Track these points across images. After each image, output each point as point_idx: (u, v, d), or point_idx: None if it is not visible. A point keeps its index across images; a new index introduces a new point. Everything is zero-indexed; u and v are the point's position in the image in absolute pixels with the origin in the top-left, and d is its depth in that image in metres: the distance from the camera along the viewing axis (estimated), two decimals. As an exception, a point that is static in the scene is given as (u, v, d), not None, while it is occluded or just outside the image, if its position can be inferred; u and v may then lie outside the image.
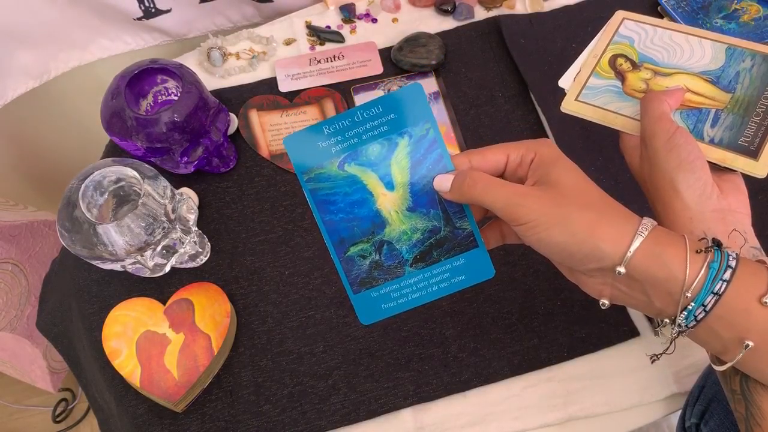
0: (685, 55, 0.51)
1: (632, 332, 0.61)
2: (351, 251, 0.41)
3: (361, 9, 0.84)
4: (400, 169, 0.41)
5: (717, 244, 0.36)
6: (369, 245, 0.41)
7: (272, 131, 0.75)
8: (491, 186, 0.37)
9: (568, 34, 0.79)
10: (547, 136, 0.72)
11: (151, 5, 0.79)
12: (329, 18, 0.84)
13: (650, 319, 0.62)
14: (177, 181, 0.71)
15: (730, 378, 0.40)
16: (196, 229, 0.64)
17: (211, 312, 0.61)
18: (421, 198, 0.41)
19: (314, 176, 0.41)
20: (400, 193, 0.41)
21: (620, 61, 0.52)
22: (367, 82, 0.78)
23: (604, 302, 0.39)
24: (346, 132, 0.40)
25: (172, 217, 0.57)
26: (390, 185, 0.41)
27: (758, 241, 0.42)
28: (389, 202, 0.41)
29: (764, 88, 0.47)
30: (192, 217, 0.61)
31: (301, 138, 0.40)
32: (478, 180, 0.38)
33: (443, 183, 0.40)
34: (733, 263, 0.35)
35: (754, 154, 0.44)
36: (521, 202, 0.36)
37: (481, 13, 0.83)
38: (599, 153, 0.70)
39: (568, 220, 0.36)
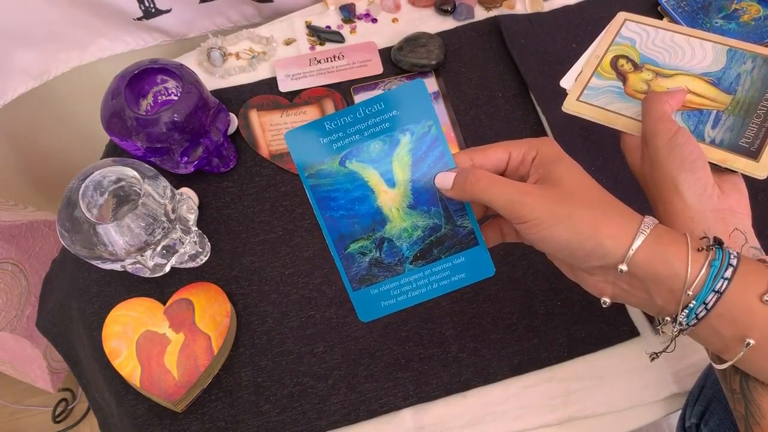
0: (687, 56, 0.51)
1: (632, 332, 0.61)
2: (351, 248, 0.41)
3: (361, 9, 0.84)
4: (401, 166, 0.40)
5: (718, 242, 0.37)
6: (369, 242, 0.41)
7: (272, 131, 0.75)
8: (494, 184, 0.37)
9: (568, 34, 0.79)
10: (547, 136, 0.72)
11: (151, 5, 0.79)
12: (329, 18, 0.84)
13: (651, 319, 0.62)
14: (177, 181, 0.71)
15: (730, 377, 0.40)
16: (196, 229, 0.64)
17: (211, 312, 0.61)
18: (422, 195, 0.41)
19: (315, 172, 0.40)
20: (401, 190, 0.41)
21: (622, 62, 0.52)
22: (367, 82, 0.78)
23: (606, 300, 0.39)
24: (348, 128, 0.40)
25: (172, 217, 0.57)
26: (391, 182, 0.41)
27: (758, 241, 0.42)
28: (390, 199, 0.41)
29: (765, 90, 0.47)
30: (192, 217, 0.61)
31: (303, 134, 0.40)
32: (481, 178, 0.38)
33: (445, 180, 0.39)
34: (734, 261, 0.35)
35: (754, 155, 0.44)
36: (524, 200, 0.36)
37: (481, 13, 0.83)
38: (599, 153, 0.70)
39: (571, 218, 0.36)
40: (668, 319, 0.38)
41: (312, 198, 0.41)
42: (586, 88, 0.51)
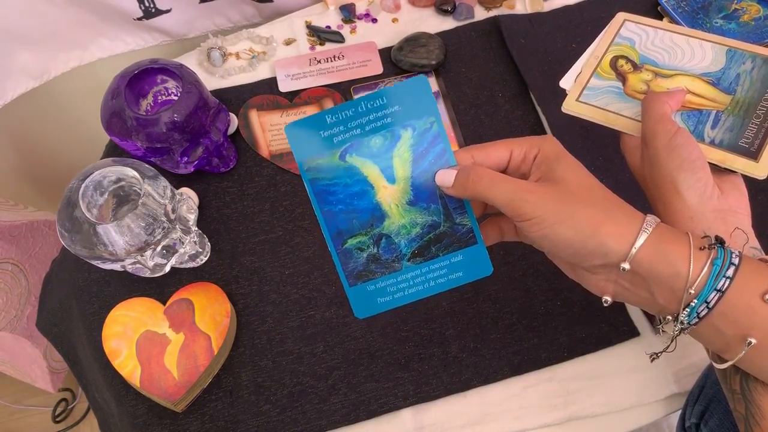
0: (686, 56, 0.51)
1: (632, 332, 0.61)
2: (349, 243, 0.41)
3: (361, 9, 0.84)
4: (401, 162, 0.40)
5: (720, 241, 0.37)
6: (367, 238, 0.41)
7: (272, 131, 0.75)
8: (496, 181, 0.37)
9: (568, 34, 0.79)
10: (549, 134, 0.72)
11: (151, 5, 0.79)
12: (329, 18, 0.84)
13: (651, 319, 0.62)
14: (177, 181, 0.71)
15: (730, 377, 0.40)
16: (196, 229, 0.64)
17: (211, 312, 0.61)
18: (422, 192, 0.40)
19: (314, 166, 0.40)
20: (400, 186, 0.40)
21: (621, 62, 0.52)
22: (367, 82, 0.78)
23: (607, 299, 0.39)
24: (349, 122, 0.39)
25: (172, 217, 0.57)
26: (391, 178, 0.40)
27: (758, 241, 0.42)
28: (389, 195, 0.40)
29: (764, 90, 0.47)
30: (192, 217, 0.61)
31: (303, 126, 0.39)
32: (483, 175, 0.38)
33: (446, 178, 0.39)
34: (736, 260, 0.35)
35: (754, 155, 0.44)
36: (526, 198, 0.36)
37: (481, 13, 0.83)
38: (599, 153, 0.70)
39: (574, 216, 0.36)
40: (669, 318, 0.37)
41: (311, 192, 0.40)
42: (586, 89, 0.52)
